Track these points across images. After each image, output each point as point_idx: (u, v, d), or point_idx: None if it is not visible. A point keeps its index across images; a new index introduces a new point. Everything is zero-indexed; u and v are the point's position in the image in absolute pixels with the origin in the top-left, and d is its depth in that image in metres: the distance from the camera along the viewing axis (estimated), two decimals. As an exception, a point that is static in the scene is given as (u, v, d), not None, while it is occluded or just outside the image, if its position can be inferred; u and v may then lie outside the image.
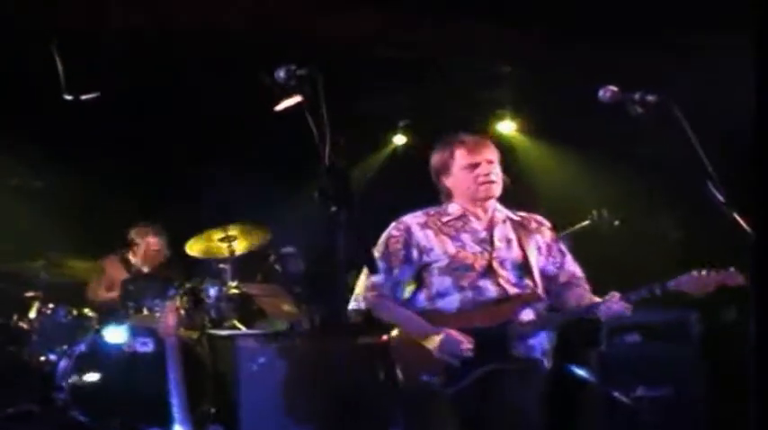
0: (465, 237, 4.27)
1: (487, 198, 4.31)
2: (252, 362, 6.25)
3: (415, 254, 4.26)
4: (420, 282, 4.28)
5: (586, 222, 6.76)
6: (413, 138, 9.04)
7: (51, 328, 6.69)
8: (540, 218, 4.52)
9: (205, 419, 6.10)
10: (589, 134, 7.11)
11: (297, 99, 3.43)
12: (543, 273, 4.36)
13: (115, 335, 6.39)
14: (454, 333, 4.07)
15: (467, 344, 4.05)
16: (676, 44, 7.09)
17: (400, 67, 7.49)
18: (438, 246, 4.24)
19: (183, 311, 6.44)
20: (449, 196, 4.38)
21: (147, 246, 7.53)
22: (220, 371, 6.52)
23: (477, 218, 4.33)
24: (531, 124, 8.63)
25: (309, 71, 3.25)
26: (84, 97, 6.68)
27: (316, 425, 6.07)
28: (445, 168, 4.34)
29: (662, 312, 6.79)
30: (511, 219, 4.39)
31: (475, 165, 4.26)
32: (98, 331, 6.52)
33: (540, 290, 4.29)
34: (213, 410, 6.21)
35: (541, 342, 4.25)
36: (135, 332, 6.37)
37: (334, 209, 3.01)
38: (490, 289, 4.19)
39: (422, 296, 4.26)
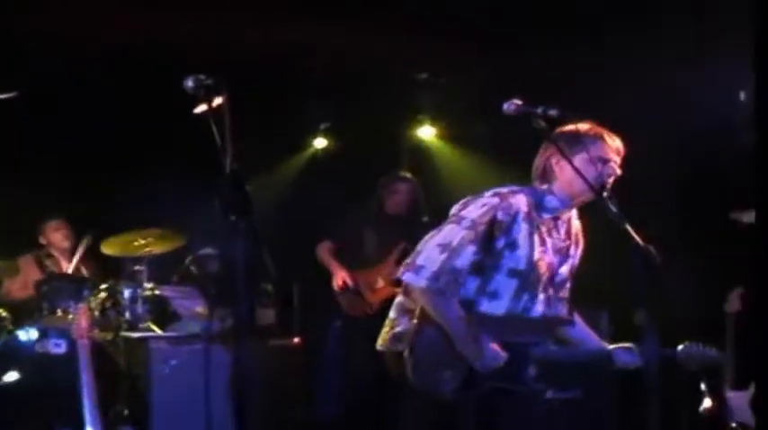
0: (550, 243, 3.98)
1: (588, 199, 3.96)
2: (164, 364, 6.27)
3: (501, 244, 3.88)
4: (478, 270, 3.89)
5: None
6: (333, 141, 9.13)
7: (-37, 328, 6.64)
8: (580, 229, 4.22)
9: (117, 421, 6.09)
10: (503, 140, 7.22)
11: (217, 102, 3.48)
12: None
13: (28, 335, 6.36)
14: (493, 346, 3.79)
15: (501, 359, 3.82)
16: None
17: (324, 76, 7.55)
18: (526, 248, 3.90)
19: (97, 313, 6.44)
20: (550, 180, 4.01)
21: (53, 242, 7.58)
22: (134, 372, 6.52)
23: (563, 221, 4.05)
24: (448, 130, 8.75)
25: (216, 80, 3.28)
26: (1, 96, 6.67)
27: (228, 428, 6.09)
28: (575, 151, 3.90)
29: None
30: (577, 231, 4.15)
31: (605, 161, 3.89)
32: (11, 331, 6.46)
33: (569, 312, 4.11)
34: (126, 412, 6.20)
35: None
36: (48, 333, 6.34)
37: (233, 217, 3.04)
38: (540, 307, 3.96)
39: (472, 284, 3.90)
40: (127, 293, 6.87)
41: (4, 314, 6.72)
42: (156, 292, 7.00)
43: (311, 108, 8.66)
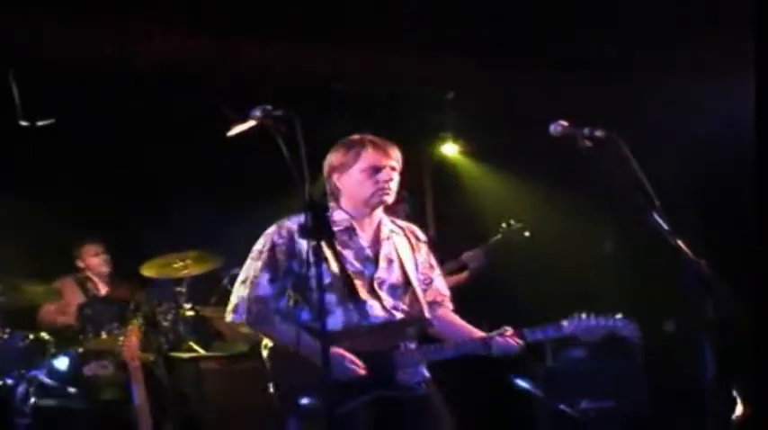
0: (348, 253, 4.07)
1: (380, 204, 4.14)
2: (215, 383, 6.36)
3: (296, 266, 4.00)
4: (300, 296, 4.01)
5: (498, 236, 6.91)
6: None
7: (8, 352, 6.65)
8: (417, 230, 4.38)
9: (169, 441, 6.21)
10: (530, 157, 7.34)
11: (249, 124, 3.61)
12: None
13: (62, 363, 6.46)
14: (345, 353, 3.90)
15: (358, 366, 3.92)
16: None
17: (348, 95, 7.68)
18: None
19: (141, 334, 6.53)
20: (336, 198, 4.17)
21: (91, 267, 7.65)
22: (182, 392, 6.61)
23: (363, 231, 4.15)
24: (473, 147, 8.85)
25: (286, 112, 3.41)
26: (40, 123, 6.79)
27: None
28: (344, 167, 4.11)
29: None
30: (393, 233, 4.24)
31: (378, 169, 4.06)
32: (55, 355, 6.55)
33: (426, 311, 4.18)
34: (175, 432, 6.32)
35: (422, 370, 4.13)
36: (95, 355, 6.45)
37: (314, 242, 3.18)
38: (376, 313, 4.04)
39: (304, 312, 3.98)
40: (168, 314, 6.98)
41: (47, 337, 6.81)
42: (198, 313, 7.09)
43: (334, 127, 8.75)
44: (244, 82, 6.85)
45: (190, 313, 7.06)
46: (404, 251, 4.22)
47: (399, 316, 4.10)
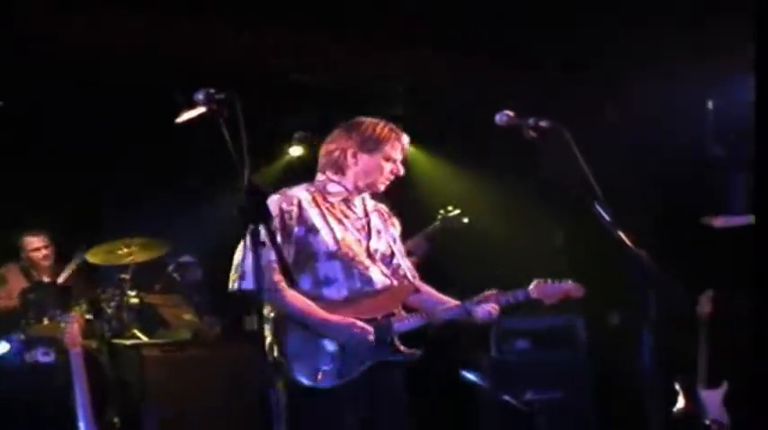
0: (348, 222, 4.19)
1: (377, 191, 4.26)
2: (157, 370, 6.32)
3: (302, 232, 4.08)
4: (302, 265, 4.07)
5: (437, 223, 6.98)
6: (308, 150, 9.21)
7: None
8: (386, 209, 4.46)
9: (109, 428, 6.14)
10: (480, 149, 7.36)
11: (198, 111, 3.57)
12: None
13: (12, 345, 6.40)
14: (360, 323, 3.99)
15: (368, 331, 4.00)
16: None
17: (300, 87, 7.65)
18: (326, 228, 4.11)
19: (83, 321, 6.47)
20: (338, 169, 4.23)
21: (33, 261, 7.56)
22: (123, 380, 6.57)
23: (356, 204, 4.27)
24: (423, 139, 8.84)
25: (228, 95, 3.38)
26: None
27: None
28: (370, 149, 4.17)
29: (550, 318, 7.12)
30: (377, 210, 4.37)
31: (395, 161, 4.21)
32: (-6, 342, 6.46)
33: (413, 280, 4.33)
34: (116, 419, 6.26)
35: (414, 335, 4.22)
36: (36, 342, 6.38)
37: (252, 226, 3.15)
38: (378, 278, 4.15)
39: (305, 281, 4.06)
40: (112, 301, 6.93)
41: (-12, 322, 6.77)
42: (142, 300, 7.04)
43: (286, 117, 8.73)
44: (199, 70, 6.78)
45: (134, 300, 7.02)
46: (383, 226, 4.36)
47: (396, 282, 4.25)
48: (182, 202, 7.96)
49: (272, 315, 4.07)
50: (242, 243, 3.99)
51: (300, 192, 4.18)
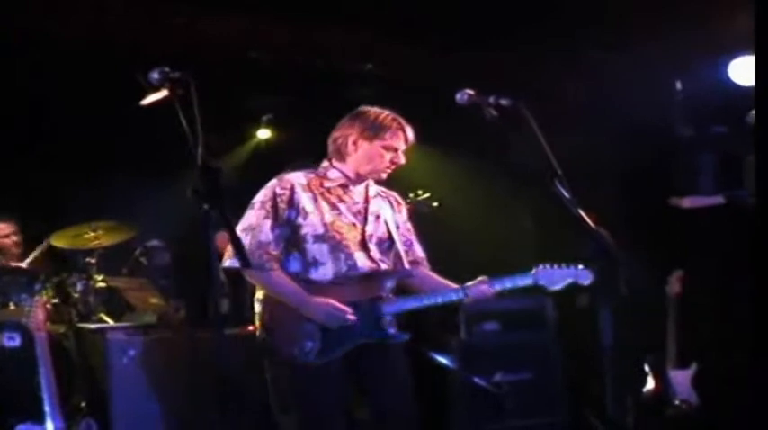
0: (342, 206, 4.31)
1: (377, 178, 4.42)
2: (122, 354, 6.29)
3: (293, 215, 4.23)
4: (293, 246, 4.24)
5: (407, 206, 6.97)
6: (276, 132, 9.19)
7: None
8: (397, 196, 4.64)
9: (76, 413, 6.09)
10: (449, 132, 7.33)
11: (163, 94, 3.54)
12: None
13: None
14: (335, 302, 4.14)
15: (351, 314, 4.14)
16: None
17: (266, 67, 7.61)
18: (316, 212, 4.24)
19: (49, 305, 6.43)
20: (340, 156, 4.37)
21: (2, 239, 7.45)
22: (89, 364, 6.53)
23: (356, 189, 4.39)
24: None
25: (182, 74, 3.36)
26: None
27: (186, 417, 6.16)
28: (371, 137, 4.32)
29: (519, 300, 7.11)
30: (380, 195, 4.49)
31: (396, 151, 4.35)
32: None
33: (406, 265, 4.43)
34: (83, 404, 6.22)
35: (400, 319, 4.37)
36: (1, 327, 6.33)
37: (206, 207, 3.13)
38: (364, 262, 4.26)
39: (295, 262, 4.23)
40: (78, 286, 6.89)
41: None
42: (108, 284, 7.00)
43: (254, 99, 8.70)
44: (157, 51, 6.72)
45: (101, 284, 6.96)
46: (387, 211, 4.48)
47: (384, 267, 4.35)
48: (149, 185, 7.91)
49: (260, 295, 4.28)
50: (243, 221, 4.24)
51: (296, 177, 4.32)
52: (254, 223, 4.23)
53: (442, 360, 6.83)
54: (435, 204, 6.84)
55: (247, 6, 6.89)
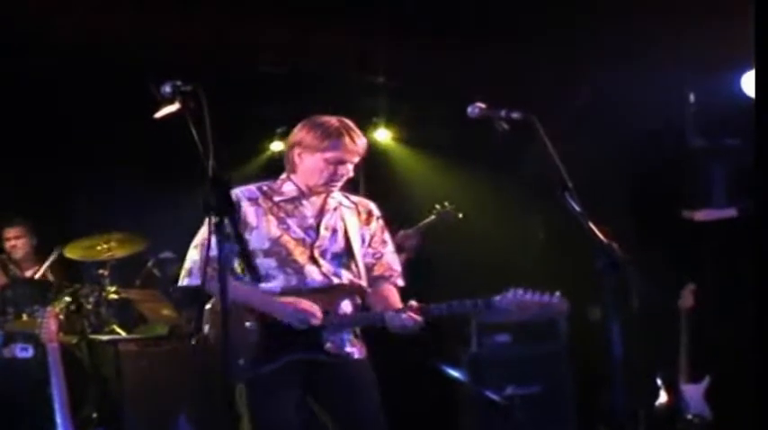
0: (292, 221, 4.18)
1: (324, 192, 4.24)
2: (134, 365, 6.32)
3: (242, 230, 4.05)
4: (244, 263, 4.11)
5: (432, 217, 6.97)
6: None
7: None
8: (371, 205, 4.42)
9: (87, 423, 6.14)
10: (461, 143, 7.35)
11: (176, 107, 3.56)
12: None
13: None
14: (308, 304, 4.02)
15: (317, 318, 4.02)
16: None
17: (278, 79, 7.62)
18: (262, 227, 4.13)
19: (62, 316, 6.44)
20: (292, 169, 4.24)
21: (9, 252, 7.53)
22: (101, 375, 6.55)
23: (310, 202, 4.24)
24: (404, 133, 8.84)
25: (194, 87, 3.36)
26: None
27: (197, 428, 6.16)
28: (312, 148, 4.15)
29: (531, 313, 7.08)
30: (342, 205, 4.31)
31: (342, 163, 4.15)
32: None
33: (363, 281, 4.25)
34: (95, 414, 6.25)
35: (351, 333, 4.23)
36: (14, 337, 6.37)
37: (216, 219, 3.13)
38: (314, 277, 4.13)
39: (248, 276, 4.10)
40: (91, 297, 6.93)
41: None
42: (121, 295, 7.02)
43: (268, 112, 8.71)
44: (170, 60, 6.75)
45: (113, 296, 7.00)
46: (351, 224, 4.29)
47: (337, 281, 4.18)
48: (162, 197, 7.93)
49: (208, 307, 4.19)
50: (196, 238, 4.16)
51: (245, 191, 4.22)
52: (202, 239, 4.10)
53: (453, 373, 6.80)
54: (460, 215, 6.86)
55: (261, 17, 6.89)
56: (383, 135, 8.85)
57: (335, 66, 7.75)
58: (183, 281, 4.16)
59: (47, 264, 7.22)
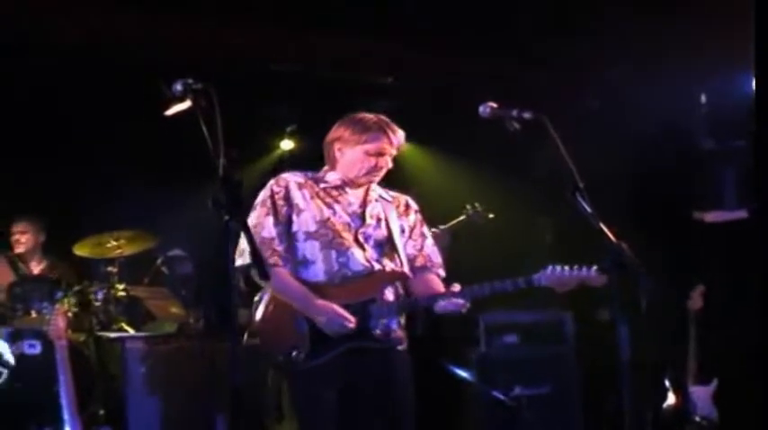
0: (338, 206, 4.25)
1: (368, 183, 4.32)
2: (140, 363, 6.32)
3: (289, 213, 4.21)
4: (287, 244, 4.20)
5: (462, 217, 6.98)
6: (299, 143, 9.20)
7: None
8: (409, 199, 4.52)
9: (94, 421, 6.13)
10: (473, 143, 7.34)
11: (186, 104, 3.56)
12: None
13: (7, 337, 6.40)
14: (340, 310, 4.06)
15: (351, 322, 4.06)
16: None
17: (289, 78, 7.63)
18: (310, 209, 4.20)
19: (70, 314, 6.45)
20: (332, 164, 4.33)
21: (15, 244, 7.52)
22: (109, 372, 6.56)
23: (353, 192, 4.31)
24: (414, 133, 8.82)
25: (205, 85, 3.36)
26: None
27: (204, 426, 6.17)
28: (352, 142, 4.25)
29: (538, 313, 7.09)
30: (383, 198, 4.39)
31: (382, 155, 4.26)
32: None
33: (405, 269, 4.31)
34: (102, 412, 6.25)
35: (398, 321, 4.28)
36: (22, 334, 6.38)
37: (226, 218, 3.13)
38: (357, 263, 4.18)
39: (287, 261, 4.18)
40: (99, 294, 6.92)
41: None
42: (129, 293, 7.02)
43: (278, 110, 8.72)
44: (179, 62, 6.76)
45: (122, 293, 6.99)
46: (391, 216, 4.37)
47: (378, 267, 4.22)
48: (172, 195, 7.93)
49: (256, 298, 4.25)
50: (249, 220, 4.13)
51: (292, 176, 4.32)
52: (255, 222, 4.20)
53: (461, 373, 6.80)
54: (491, 215, 6.85)
55: (270, 18, 6.90)
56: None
57: (345, 66, 7.75)
58: (237, 261, 4.12)
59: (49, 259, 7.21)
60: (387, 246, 4.32)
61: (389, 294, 4.26)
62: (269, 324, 4.19)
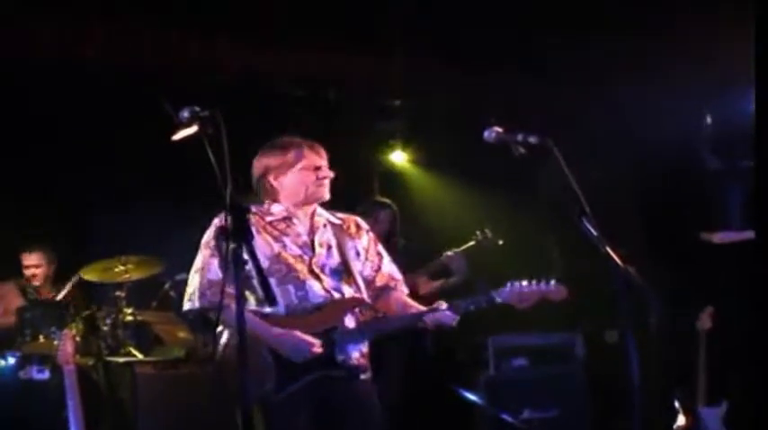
0: (287, 239, 4.19)
1: (320, 199, 4.29)
2: (150, 388, 6.31)
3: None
4: (244, 284, 3.93)
5: (472, 242, 6.99)
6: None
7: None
8: (358, 219, 4.49)
9: (103, 446, 6.15)
10: (477, 165, 7.34)
11: (193, 130, 3.57)
12: (361, 278, 4.33)
13: (6, 362, 6.40)
14: (302, 335, 4.01)
15: (317, 346, 4.02)
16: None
17: (292, 100, 7.65)
18: (260, 245, 4.08)
19: (78, 338, 6.46)
20: (273, 196, 4.28)
21: (25, 270, 7.52)
22: (117, 397, 6.55)
23: (300, 220, 4.27)
24: (420, 155, 8.85)
25: (212, 113, 3.37)
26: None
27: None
28: (284, 167, 4.23)
29: (548, 336, 7.08)
30: (331, 223, 4.35)
31: (318, 168, 4.23)
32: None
33: (364, 294, 4.26)
34: (110, 436, 6.26)
35: (361, 349, 4.22)
36: (31, 359, 6.38)
37: (233, 245, 3.13)
38: (316, 295, 4.13)
39: (250, 299, 4.10)
40: (108, 319, 6.92)
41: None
42: (137, 318, 7.02)
43: (283, 133, 8.72)
44: (190, 84, 6.80)
45: (130, 318, 6.99)
46: (342, 239, 4.33)
47: (338, 296, 4.18)
48: (179, 219, 7.93)
49: (220, 330, 4.17)
50: (196, 262, 4.19)
51: None
52: (200, 264, 4.18)
53: (471, 396, 6.78)
54: (501, 242, 6.86)
55: (275, 41, 6.93)
56: (399, 157, 8.88)
57: (352, 88, 7.77)
58: (186, 305, 4.18)
59: (67, 287, 7.23)
60: (344, 273, 4.27)
61: (350, 321, 4.20)
62: (231, 361, 4.00)
